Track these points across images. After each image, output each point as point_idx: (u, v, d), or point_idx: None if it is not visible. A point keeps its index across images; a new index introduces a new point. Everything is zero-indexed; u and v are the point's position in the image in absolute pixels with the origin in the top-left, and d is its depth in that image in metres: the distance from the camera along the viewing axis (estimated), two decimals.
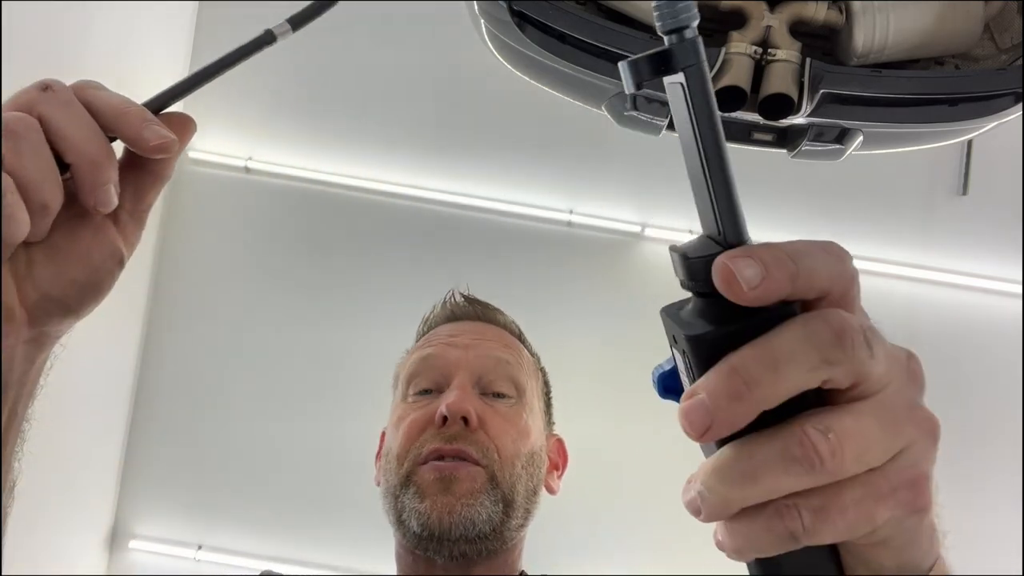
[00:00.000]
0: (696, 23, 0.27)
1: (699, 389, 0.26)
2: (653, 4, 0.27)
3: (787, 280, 0.26)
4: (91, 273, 0.40)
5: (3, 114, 0.34)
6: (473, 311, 0.89)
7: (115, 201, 0.37)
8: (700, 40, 0.27)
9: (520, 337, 0.90)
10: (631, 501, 1.86)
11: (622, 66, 0.28)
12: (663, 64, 0.27)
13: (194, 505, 1.92)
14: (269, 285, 1.97)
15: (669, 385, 0.30)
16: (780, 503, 0.26)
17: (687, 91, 0.27)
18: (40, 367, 0.42)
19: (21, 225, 0.33)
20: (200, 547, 1.88)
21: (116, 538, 1.91)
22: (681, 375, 0.29)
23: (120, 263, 0.41)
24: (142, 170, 0.40)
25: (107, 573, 1.91)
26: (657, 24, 0.27)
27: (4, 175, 0.33)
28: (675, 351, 0.30)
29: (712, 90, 0.28)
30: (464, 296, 0.90)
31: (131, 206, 0.41)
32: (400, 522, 0.75)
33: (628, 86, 0.28)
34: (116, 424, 1.92)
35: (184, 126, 0.41)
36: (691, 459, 0.28)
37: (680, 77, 0.27)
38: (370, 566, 1.77)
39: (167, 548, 1.90)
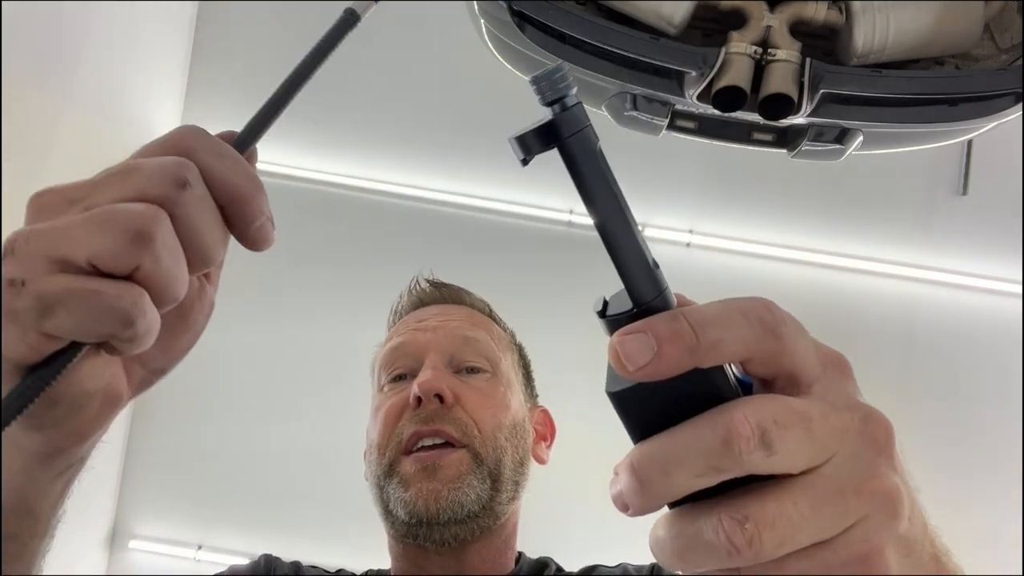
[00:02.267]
0: (574, 91, 0.27)
1: (618, 469, 0.28)
2: (529, 79, 0.27)
3: (684, 354, 0.26)
4: (194, 338, 0.39)
5: (135, 207, 0.30)
6: (439, 294, 0.88)
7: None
8: (582, 106, 0.27)
9: (490, 314, 0.90)
10: None
11: (511, 142, 0.28)
12: (549, 136, 0.27)
13: (194, 505, 1.92)
14: (269, 285, 1.97)
15: None
16: (727, 564, 0.26)
17: (572, 159, 0.27)
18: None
19: (153, 333, 0.31)
20: (200, 547, 1.88)
21: (116, 538, 1.92)
22: None
23: (212, 309, 0.40)
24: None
25: (107, 573, 1.91)
26: (537, 98, 0.27)
27: (139, 288, 0.30)
28: None
29: (601, 153, 0.28)
30: (429, 281, 0.90)
31: (216, 271, 0.40)
32: (387, 512, 0.74)
33: (519, 157, 0.28)
34: (116, 424, 1.91)
35: (253, 161, 0.39)
36: None
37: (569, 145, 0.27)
38: (369, 566, 1.76)
39: (167, 548, 1.90)
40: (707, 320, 0.26)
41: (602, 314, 0.28)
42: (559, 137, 0.27)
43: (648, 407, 0.27)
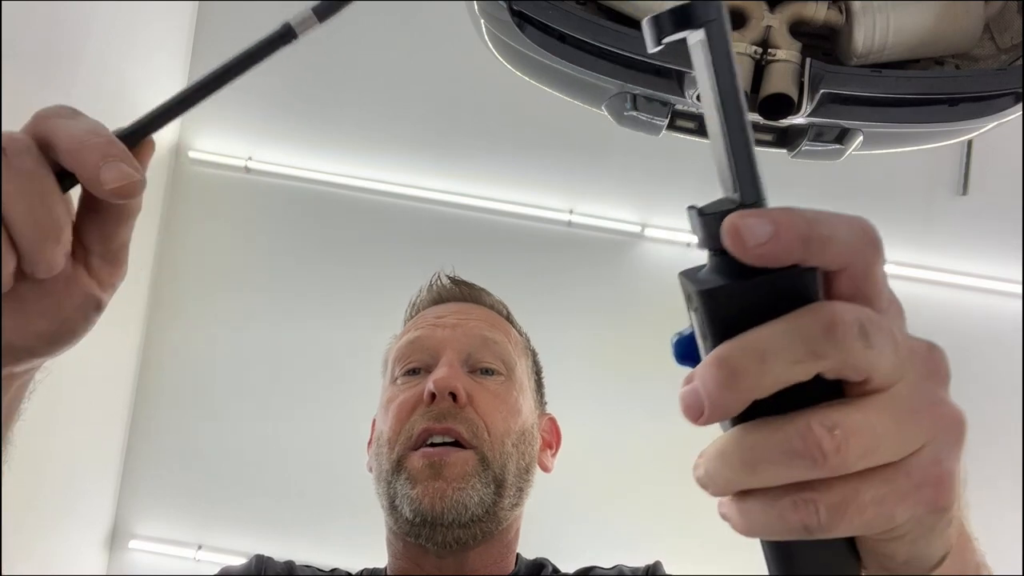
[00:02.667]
0: None
1: (694, 375, 0.26)
2: None
3: (798, 242, 0.25)
4: (60, 324, 0.37)
5: None
6: (459, 292, 0.88)
7: (59, 266, 0.34)
8: (721, 2, 0.28)
9: (508, 317, 0.89)
10: (630, 497, 1.86)
11: (645, 22, 0.28)
12: (684, 20, 0.28)
13: (194, 505, 1.92)
14: (269, 285, 1.97)
15: (685, 352, 0.30)
16: (797, 496, 0.26)
17: (708, 46, 0.28)
18: (17, 395, 0.41)
19: None
20: (200, 547, 1.88)
21: (116, 538, 1.92)
22: (697, 340, 0.29)
23: (97, 307, 0.38)
24: (104, 211, 0.37)
25: (107, 573, 1.91)
26: None
27: None
28: (691, 314, 0.29)
29: (732, 48, 0.28)
30: (450, 278, 0.89)
31: (100, 248, 0.37)
32: (392, 507, 0.74)
33: (650, 42, 0.29)
34: (116, 424, 1.92)
35: (147, 151, 0.37)
36: (690, 456, 0.28)
37: (701, 34, 0.28)
38: (367, 565, 1.76)
39: (167, 548, 1.90)
40: (820, 218, 0.26)
41: (702, 212, 0.28)
42: (695, 23, 0.28)
43: (738, 307, 0.27)
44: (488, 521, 0.73)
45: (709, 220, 0.28)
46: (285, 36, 0.37)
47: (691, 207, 0.29)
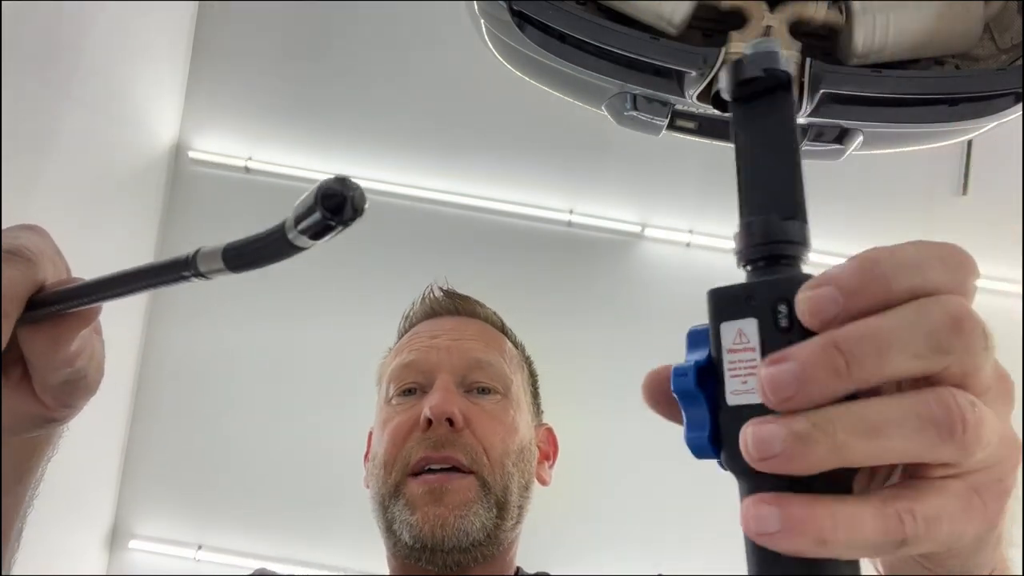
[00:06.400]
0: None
1: (792, 356, 0.24)
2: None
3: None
4: (10, 420, 0.41)
5: None
6: (453, 305, 0.87)
7: None
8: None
9: (503, 329, 0.89)
10: (628, 500, 1.86)
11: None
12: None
13: (194, 505, 1.92)
14: (269, 285, 1.97)
15: (704, 380, 0.27)
16: (901, 505, 0.24)
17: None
18: (42, 456, 0.46)
19: None
20: (200, 547, 1.88)
21: (116, 538, 1.91)
22: (727, 359, 0.26)
23: (46, 421, 0.43)
24: (29, 355, 0.39)
25: (107, 573, 1.91)
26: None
27: None
28: (728, 326, 0.27)
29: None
30: (443, 291, 0.88)
31: (38, 381, 0.41)
32: (390, 531, 0.74)
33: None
34: (116, 424, 1.91)
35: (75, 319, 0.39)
36: (688, 459, 0.28)
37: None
38: (368, 566, 1.76)
39: (167, 548, 1.90)
40: (901, 259, 0.24)
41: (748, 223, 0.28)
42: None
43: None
44: (490, 544, 0.73)
45: (755, 225, 0.28)
46: (186, 270, 0.34)
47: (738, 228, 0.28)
